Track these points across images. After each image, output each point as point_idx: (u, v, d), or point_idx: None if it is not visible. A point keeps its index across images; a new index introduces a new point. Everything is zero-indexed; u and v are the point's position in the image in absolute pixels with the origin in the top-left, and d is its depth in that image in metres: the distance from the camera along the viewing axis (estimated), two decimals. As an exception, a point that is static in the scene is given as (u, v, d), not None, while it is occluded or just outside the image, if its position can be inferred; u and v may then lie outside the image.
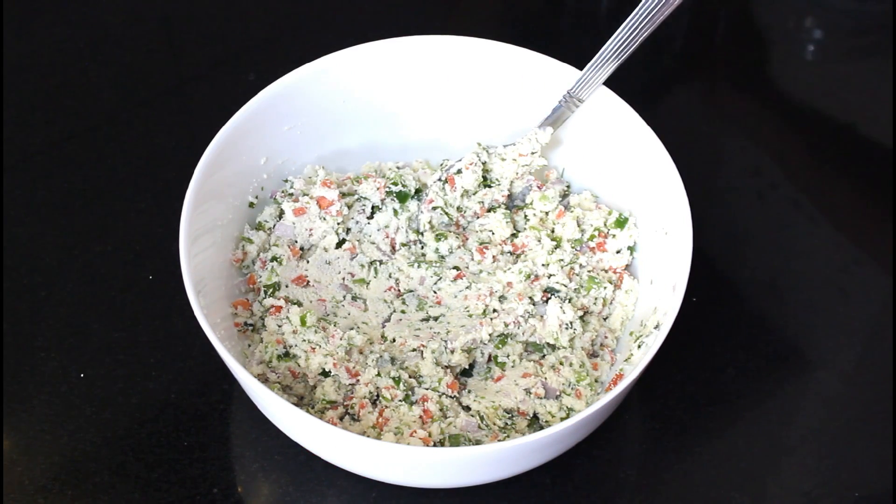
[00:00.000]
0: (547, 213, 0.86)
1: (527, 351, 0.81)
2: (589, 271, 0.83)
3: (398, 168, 0.90)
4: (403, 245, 0.85)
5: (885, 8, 1.10)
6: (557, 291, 0.82)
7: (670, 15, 0.76)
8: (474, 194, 0.87)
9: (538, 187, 0.86)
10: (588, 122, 0.85)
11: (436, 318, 0.82)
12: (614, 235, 0.84)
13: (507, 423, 0.77)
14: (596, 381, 0.79)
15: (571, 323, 0.80)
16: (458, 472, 0.72)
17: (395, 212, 0.86)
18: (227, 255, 0.83)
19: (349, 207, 0.86)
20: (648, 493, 0.80)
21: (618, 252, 0.84)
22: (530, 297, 0.81)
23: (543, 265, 0.83)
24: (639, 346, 0.77)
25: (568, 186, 0.88)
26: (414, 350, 0.79)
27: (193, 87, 1.04)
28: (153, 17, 1.10)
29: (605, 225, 0.84)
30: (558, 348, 0.80)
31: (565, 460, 0.78)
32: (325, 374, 0.77)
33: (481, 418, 0.76)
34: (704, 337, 0.88)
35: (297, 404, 0.76)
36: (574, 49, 0.92)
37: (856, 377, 0.86)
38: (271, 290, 0.81)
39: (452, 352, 0.78)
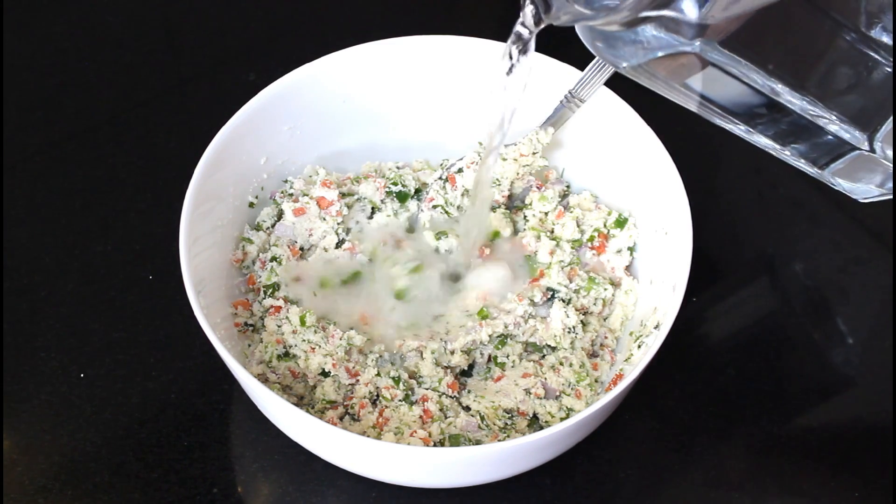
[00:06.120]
0: (546, 214, 0.86)
1: (526, 351, 0.81)
2: (588, 271, 0.83)
3: (398, 168, 0.90)
4: (403, 245, 0.85)
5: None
6: (557, 292, 0.82)
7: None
8: (474, 194, 0.87)
9: (537, 187, 0.86)
10: (588, 123, 0.85)
11: (436, 318, 0.82)
12: (614, 235, 0.84)
13: (507, 423, 0.77)
14: (596, 381, 0.79)
15: (574, 327, 0.80)
16: (458, 472, 0.72)
17: (395, 212, 0.86)
18: (227, 256, 0.83)
19: (349, 207, 0.86)
20: (648, 493, 0.80)
21: (618, 252, 0.84)
22: (530, 298, 0.81)
23: (543, 265, 0.83)
24: (639, 346, 0.77)
25: (567, 187, 0.88)
26: (414, 350, 0.79)
27: (193, 87, 1.04)
28: (153, 17, 1.10)
29: (604, 225, 0.84)
30: (558, 349, 0.80)
31: (565, 460, 0.78)
32: (325, 374, 0.77)
33: (481, 418, 0.76)
34: (704, 337, 0.88)
35: (297, 404, 0.76)
36: (575, 49, 0.91)
37: (856, 377, 0.86)
38: (271, 290, 0.81)
39: (452, 352, 0.78)
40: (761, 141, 0.66)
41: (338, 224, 0.85)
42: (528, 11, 0.63)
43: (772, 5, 0.57)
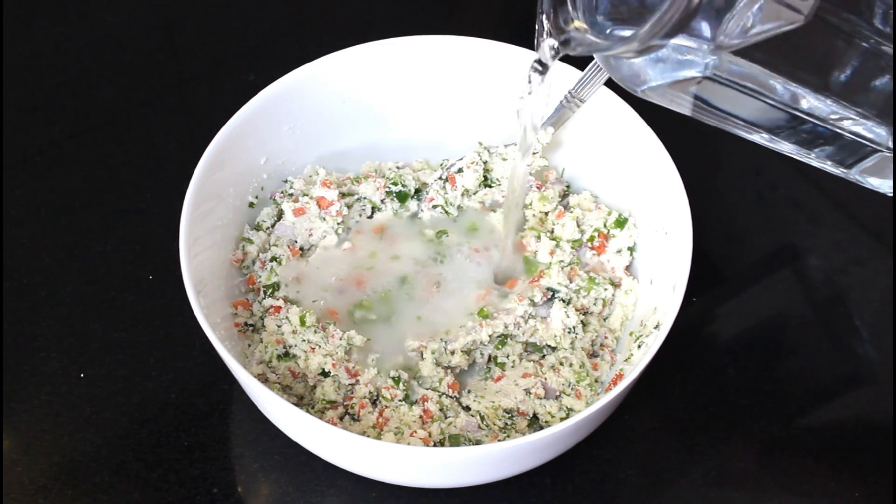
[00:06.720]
0: (546, 214, 0.86)
1: (526, 351, 0.81)
2: (588, 271, 0.83)
3: (398, 168, 0.90)
4: (403, 245, 0.85)
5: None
6: (557, 292, 0.82)
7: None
8: (475, 194, 0.87)
9: (537, 187, 0.86)
10: (588, 123, 0.85)
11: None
12: (614, 236, 0.84)
13: (507, 423, 0.77)
14: (596, 381, 0.79)
15: (574, 327, 0.80)
16: (458, 472, 0.72)
17: (395, 212, 0.86)
18: (227, 256, 0.83)
19: (349, 207, 0.86)
20: (648, 493, 0.80)
21: (618, 252, 0.84)
22: (530, 298, 0.81)
23: (543, 265, 0.83)
24: (639, 346, 0.77)
25: (568, 187, 0.88)
26: (414, 350, 0.79)
27: (193, 87, 1.04)
28: (153, 17, 1.10)
29: (604, 225, 0.84)
30: (558, 349, 0.80)
31: (565, 460, 0.78)
32: (325, 374, 0.77)
33: (481, 418, 0.76)
34: (704, 337, 0.88)
35: (297, 404, 0.76)
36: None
37: (856, 377, 0.86)
38: (271, 290, 0.81)
39: (452, 353, 0.78)
40: (785, 147, 0.66)
41: (338, 224, 0.85)
42: (546, 47, 0.64)
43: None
